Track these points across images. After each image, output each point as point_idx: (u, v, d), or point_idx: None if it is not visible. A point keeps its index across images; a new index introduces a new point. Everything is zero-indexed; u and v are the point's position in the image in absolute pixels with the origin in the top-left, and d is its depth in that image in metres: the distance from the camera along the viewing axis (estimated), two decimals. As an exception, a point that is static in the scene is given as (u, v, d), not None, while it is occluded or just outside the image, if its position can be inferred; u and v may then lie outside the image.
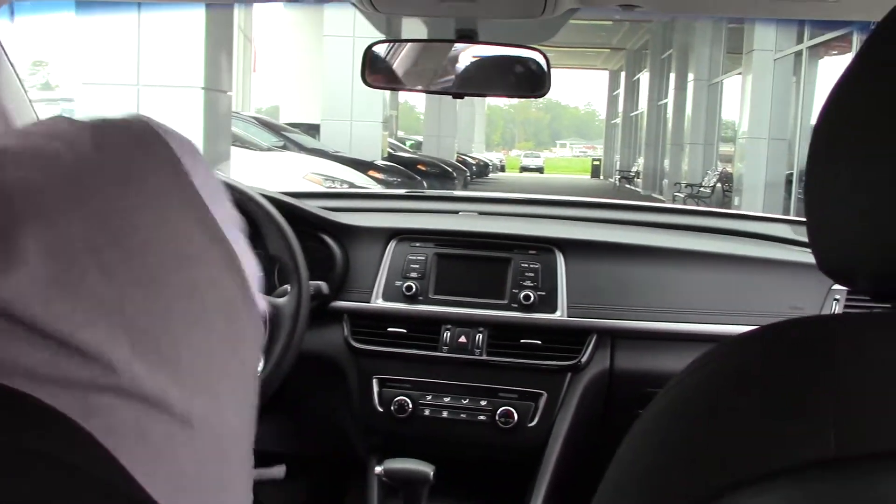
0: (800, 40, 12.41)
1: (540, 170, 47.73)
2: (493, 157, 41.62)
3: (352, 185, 8.92)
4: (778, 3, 1.21)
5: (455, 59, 1.52)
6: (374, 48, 1.54)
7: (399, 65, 1.55)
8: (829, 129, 0.62)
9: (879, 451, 0.48)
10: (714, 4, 1.23)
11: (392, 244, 1.85)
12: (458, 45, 1.50)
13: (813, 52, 12.10)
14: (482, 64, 1.51)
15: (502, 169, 42.20)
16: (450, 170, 15.93)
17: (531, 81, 1.52)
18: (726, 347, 0.59)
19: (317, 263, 1.74)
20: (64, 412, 0.49)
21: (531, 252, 1.80)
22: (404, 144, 20.84)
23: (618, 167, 31.94)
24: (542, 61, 1.49)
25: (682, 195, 16.70)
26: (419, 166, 14.45)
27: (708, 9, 1.27)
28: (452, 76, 1.53)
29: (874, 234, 0.57)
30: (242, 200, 1.60)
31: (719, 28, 17.33)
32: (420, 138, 23.80)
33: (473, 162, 26.28)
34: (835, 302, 1.72)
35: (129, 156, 0.56)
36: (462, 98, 1.57)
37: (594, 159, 43.38)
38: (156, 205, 0.56)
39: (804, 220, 0.64)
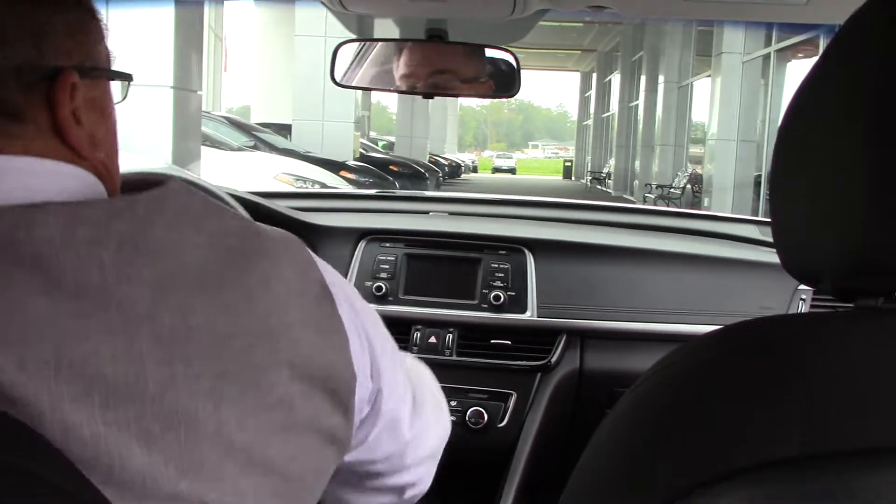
0: (768, 43, 12.55)
1: (512, 171, 47.82)
2: (465, 158, 41.68)
3: (323, 186, 8.88)
4: (745, 7, 1.22)
5: (425, 59, 1.52)
6: (343, 47, 1.53)
7: (368, 64, 1.55)
8: (793, 131, 0.62)
9: (844, 449, 0.49)
10: (682, 7, 1.23)
11: (362, 244, 1.84)
12: (428, 45, 1.49)
13: (781, 56, 12.24)
14: (452, 64, 1.51)
15: (475, 170, 42.23)
16: (422, 170, 15.91)
17: (501, 82, 1.52)
18: (689, 348, 0.60)
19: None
20: None
21: (501, 252, 1.80)
22: (376, 145, 20.79)
23: (589, 168, 32.12)
24: (513, 61, 1.49)
25: (652, 196, 16.81)
26: (391, 167, 14.41)
27: (676, 12, 1.28)
28: (422, 76, 1.52)
29: (837, 234, 0.57)
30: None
31: (689, 31, 17.47)
32: (392, 139, 23.78)
33: (446, 163, 26.29)
34: (801, 302, 1.74)
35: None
36: (432, 98, 1.57)
37: (566, 160, 43.55)
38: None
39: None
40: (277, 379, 0.60)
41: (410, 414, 0.82)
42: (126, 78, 0.71)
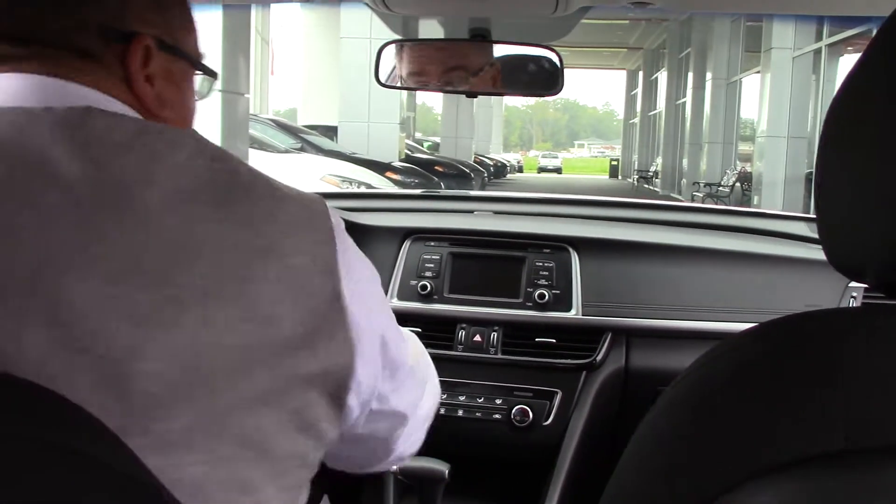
0: (818, 38, 12.33)
1: (558, 170, 47.60)
2: (510, 158, 41.57)
3: (369, 187, 8.93)
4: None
5: (468, 58, 1.52)
6: (387, 48, 1.54)
7: (412, 64, 1.56)
8: (838, 125, 0.62)
9: (887, 444, 0.49)
10: (728, 1, 1.22)
11: (407, 243, 1.85)
12: (471, 44, 1.50)
13: (832, 50, 12.01)
14: (495, 63, 1.51)
15: (520, 170, 42.12)
16: (467, 171, 15.92)
17: (545, 80, 1.52)
18: (727, 345, 0.59)
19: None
20: None
21: (545, 251, 1.80)
22: (422, 146, 20.85)
23: (636, 167, 31.84)
24: (556, 60, 1.49)
25: (700, 195, 16.62)
26: (437, 167, 14.44)
27: (722, 5, 1.27)
28: (466, 75, 1.53)
29: (882, 228, 0.57)
30: None
31: (737, 26, 17.24)
32: (438, 139, 23.82)
33: (491, 163, 26.26)
34: (852, 299, 1.71)
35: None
36: (475, 97, 1.58)
37: (612, 159, 43.23)
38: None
39: None
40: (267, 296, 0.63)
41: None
42: (209, 73, 0.80)
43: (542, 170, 47.66)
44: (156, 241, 0.59)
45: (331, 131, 14.00)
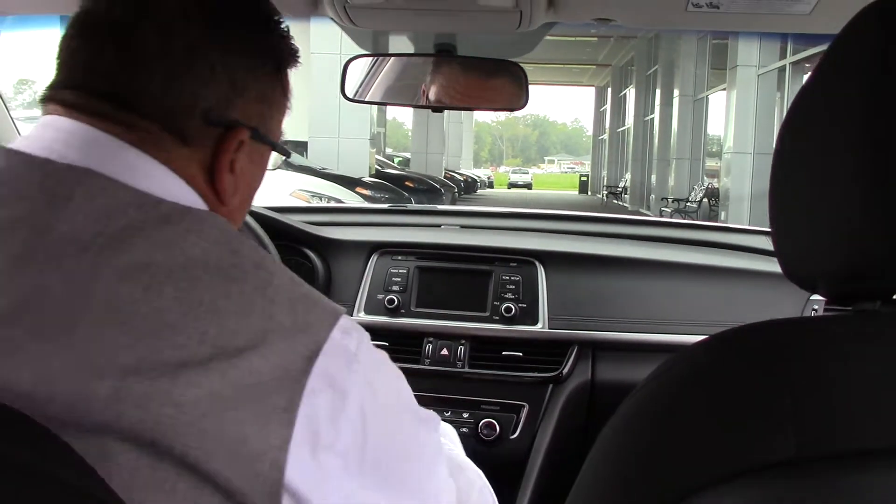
0: (783, 56, 12.53)
1: (528, 186, 47.79)
2: (481, 174, 41.69)
3: (339, 202, 8.90)
4: (750, 18, 1.22)
5: (434, 73, 1.53)
6: (354, 63, 1.55)
7: (379, 79, 1.56)
8: (790, 139, 0.63)
9: (839, 450, 0.49)
10: (687, 19, 1.24)
11: (374, 258, 1.85)
12: (437, 60, 1.51)
13: (796, 68, 12.20)
14: (461, 77, 1.53)
15: (490, 185, 42.23)
16: (438, 186, 15.94)
17: (510, 94, 1.53)
18: (682, 355, 0.60)
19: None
20: None
21: (512, 265, 1.81)
22: (392, 161, 20.86)
23: (605, 183, 32.06)
24: (521, 74, 1.51)
25: (669, 210, 16.76)
26: (407, 183, 14.45)
27: (681, 23, 1.29)
28: (432, 90, 1.54)
29: (834, 240, 0.58)
30: None
31: (704, 44, 17.46)
32: (408, 155, 23.83)
33: (462, 178, 26.33)
34: (813, 311, 1.74)
35: None
36: (442, 112, 1.59)
37: (582, 175, 43.47)
38: None
39: None
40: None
41: None
42: (285, 154, 0.82)
43: (512, 185, 47.81)
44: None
45: (301, 147, 13.96)
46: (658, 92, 21.04)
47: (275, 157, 0.82)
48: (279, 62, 0.76)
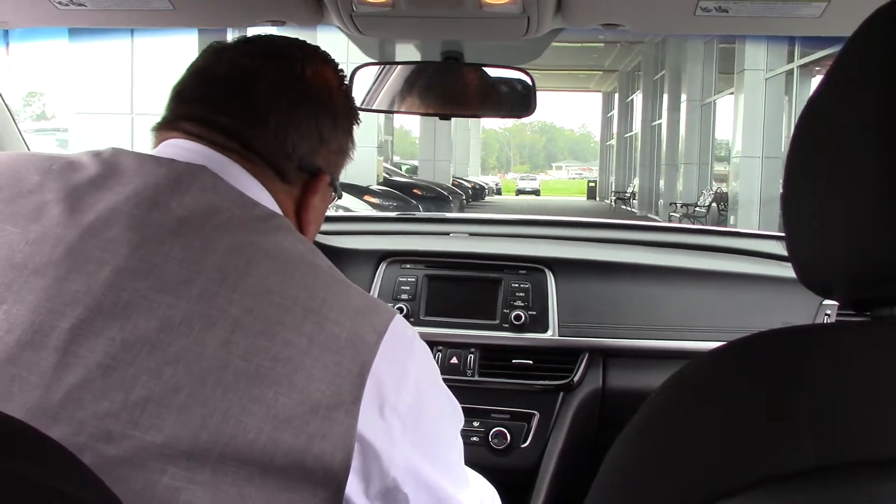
0: (790, 59, 12.51)
1: (536, 192, 47.77)
2: (488, 181, 41.72)
3: (347, 211, 8.93)
4: (759, 21, 1.22)
5: (441, 81, 1.53)
6: (361, 71, 1.55)
7: (386, 87, 1.56)
8: (804, 144, 0.62)
9: (858, 459, 0.48)
10: (695, 23, 1.23)
11: (382, 266, 1.85)
12: (444, 67, 1.51)
13: (804, 71, 12.19)
14: (468, 85, 1.52)
15: (498, 192, 42.27)
16: (445, 194, 15.96)
17: (518, 102, 1.52)
18: (697, 364, 0.59)
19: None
20: None
21: (521, 272, 1.80)
22: (400, 169, 20.89)
23: (613, 188, 32.05)
24: (528, 82, 1.50)
25: (677, 215, 16.74)
26: (415, 191, 14.48)
27: (689, 28, 1.28)
28: (439, 97, 1.54)
29: (850, 245, 0.57)
30: None
31: (711, 48, 17.46)
32: (416, 163, 23.88)
33: (469, 185, 26.35)
34: (826, 316, 1.72)
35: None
36: (448, 119, 1.58)
37: (590, 181, 43.47)
38: None
39: None
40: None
41: None
42: (340, 196, 0.97)
43: (520, 192, 47.81)
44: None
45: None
46: (665, 97, 21.04)
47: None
48: (351, 119, 0.92)
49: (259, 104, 0.83)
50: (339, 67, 0.94)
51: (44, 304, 0.67)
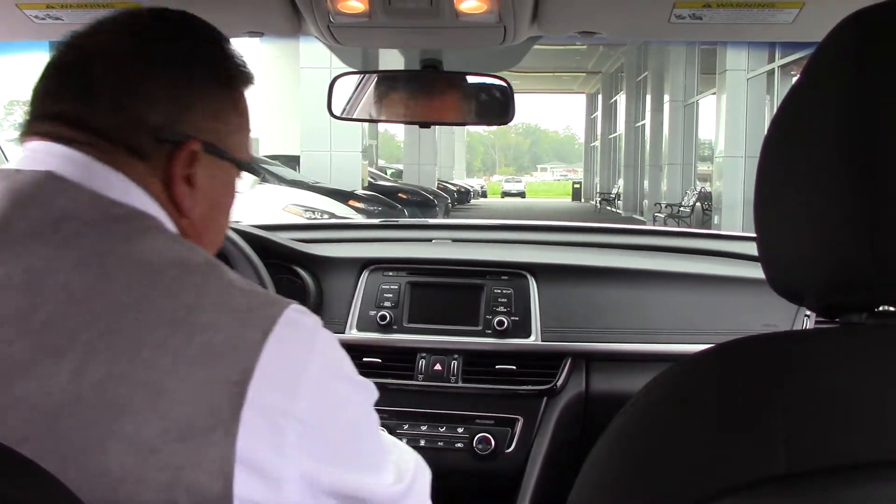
0: (771, 59, 12.57)
1: (521, 194, 47.76)
2: (474, 184, 41.71)
3: (332, 216, 8.90)
4: (733, 27, 1.23)
5: (420, 89, 1.53)
6: (340, 80, 1.55)
7: (366, 96, 1.56)
8: (775, 150, 0.63)
9: (830, 465, 0.49)
10: (670, 30, 1.24)
11: (365, 274, 1.85)
12: (422, 75, 1.51)
13: (785, 71, 12.25)
14: (446, 93, 1.53)
15: (484, 195, 42.26)
16: (431, 197, 15.93)
17: (496, 109, 1.53)
18: (679, 367, 0.60)
19: (290, 296, 1.72)
20: None
21: (503, 278, 1.80)
22: (385, 173, 20.86)
23: (598, 190, 32.11)
24: (506, 88, 1.51)
25: (662, 216, 16.79)
26: (400, 195, 14.43)
27: (665, 34, 1.29)
28: (418, 106, 1.54)
29: (820, 252, 0.58)
30: None
31: (693, 50, 17.53)
32: (401, 167, 23.84)
33: (455, 189, 26.33)
34: (806, 318, 1.74)
35: None
36: (428, 127, 1.59)
37: (575, 182, 43.54)
38: None
39: None
40: None
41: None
42: (254, 173, 0.86)
43: (505, 194, 47.79)
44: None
45: (293, 161, 13.96)
46: (648, 98, 21.11)
47: (252, 179, 0.87)
48: (226, 81, 0.81)
49: (94, 80, 0.73)
50: (213, 29, 0.82)
51: None
